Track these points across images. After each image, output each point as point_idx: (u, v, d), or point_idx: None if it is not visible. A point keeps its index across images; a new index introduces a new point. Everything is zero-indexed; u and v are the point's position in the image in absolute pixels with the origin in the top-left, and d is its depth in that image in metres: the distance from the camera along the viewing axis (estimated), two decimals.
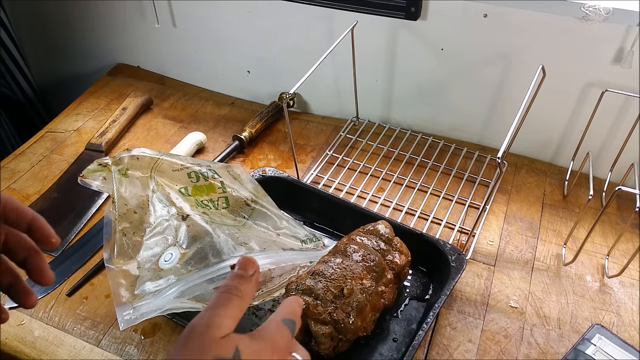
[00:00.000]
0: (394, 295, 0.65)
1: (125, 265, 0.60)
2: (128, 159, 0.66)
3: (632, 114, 0.80)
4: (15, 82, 1.22)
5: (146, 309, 0.55)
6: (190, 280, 0.56)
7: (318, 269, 0.61)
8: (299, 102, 1.08)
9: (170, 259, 0.59)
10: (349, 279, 0.60)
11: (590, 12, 0.71)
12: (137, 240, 0.62)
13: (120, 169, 0.65)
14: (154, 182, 0.65)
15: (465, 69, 0.89)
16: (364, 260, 0.63)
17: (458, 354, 0.64)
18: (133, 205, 0.63)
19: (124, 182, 0.64)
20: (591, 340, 0.64)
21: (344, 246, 0.65)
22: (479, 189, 0.87)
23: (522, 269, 0.74)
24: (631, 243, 0.77)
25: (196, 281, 0.56)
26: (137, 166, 0.66)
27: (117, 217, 0.62)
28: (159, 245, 0.61)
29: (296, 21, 0.96)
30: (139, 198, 0.64)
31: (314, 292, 0.58)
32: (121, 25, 1.14)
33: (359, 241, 0.65)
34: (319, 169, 0.91)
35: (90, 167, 0.65)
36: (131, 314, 0.55)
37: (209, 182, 0.68)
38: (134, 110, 1.03)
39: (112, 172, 0.64)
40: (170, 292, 0.56)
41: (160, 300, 0.56)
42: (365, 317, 0.60)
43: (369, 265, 0.62)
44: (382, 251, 0.65)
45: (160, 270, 0.59)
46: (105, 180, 0.64)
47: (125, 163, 0.65)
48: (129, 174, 0.65)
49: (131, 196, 0.64)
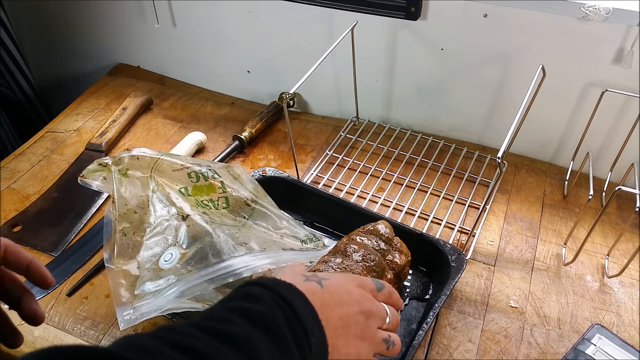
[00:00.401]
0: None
1: (126, 265, 0.60)
2: (128, 159, 0.66)
3: (632, 114, 0.80)
4: (15, 82, 1.22)
5: (146, 309, 0.55)
6: (190, 280, 0.56)
7: (318, 269, 0.61)
8: (299, 102, 1.08)
9: (170, 259, 0.59)
10: None
11: (590, 12, 0.71)
12: (137, 240, 0.62)
13: (121, 169, 0.65)
14: (154, 182, 0.65)
15: (465, 69, 0.89)
16: (364, 260, 0.62)
17: (458, 354, 0.64)
18: (133, 205, 0.63)
19: (124, 182, 0.64)
20: (591, 340, 0.64)
21: (344, 246, 0.64)
22: (479, 189, 0.87)
23: (522, 269, 0.74)
24: (631, 243, 0.77)
25: (196, 281, 0.56)
26: (137, 166, 0.66)
27: (117, 217, 0.62)
28: (159, 245, 0.61)
29: (296, 21, 0.96)
30: (139, 198, 0.64)
31: None
32: (121, 25, 1.14)
33: (359, 241, 0.65)
34: (319, 169, 0.91)
35: (90, 167, 0.65)
36: (131, 314, 0.55)
37: (209, 182, 0.68)
38: (134, 110, 1.03)
39: (112, 172, 0.64)
40: (170, 292, 0.56)
41: (160, 300, 0.56)
42: None
43: (369, 265, 0.62)
44: (382, 251, 0.65)
45: (160, 270, 0.59)
46: (106, 180, 0.64)
47: (125, 163, 0.65)
48: (129, 174, 0.65)
49: (131, 196, 0.64)
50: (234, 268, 0.57)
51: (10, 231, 0.79)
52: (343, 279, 0.46)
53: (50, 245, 0.77)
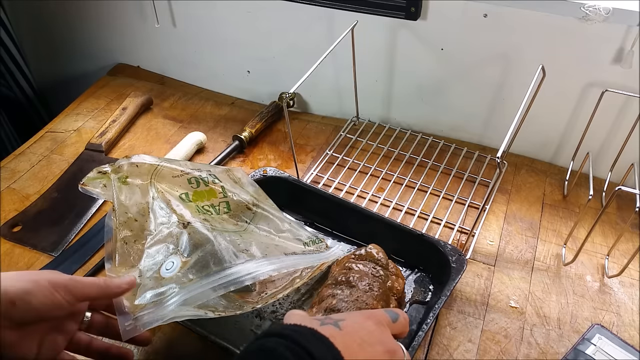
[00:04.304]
0: None
1: (127, 273, 0.60)
2: (127, 166, 0.65)
3: (632, 114, 0.80)
4: (15, 82, 1.22)
5: (148, 318, 0.54)
6: (192, 290, 0.56)
7: (330, 305, 0.57)
8: (299, 102, 1.08)
9: (172, 267, 0.59)
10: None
11: (590, 12, 0.71)
12: (138, 248, 0.62)
13: (120, 176, 0.64)
14: (154, 188, 0.65)
15: (465, 69, 0.89)
16: (370, 290, 0.59)
17: (458, 354, 0.64)
18: (134, 213, 0.63)
19: (124, 189, 0.64)
20: (591, 340, 0.64)
21: (345, 276, 0.61)
22: (479, 188, 0.87)
23: (522, 269, 0.74)
24: (631, 243, 0.77)
25: (198, 290, 0.56)
26: (136, 173, 0.65)
27: (117, 226, 0.62)
28: (160, 253, 0.61)
29: (296, 21, 0.96)
30: (139, 205, 0.64)
31: None
32: (121, 25, 1.14)
33: (358, 269, 0.62)
34: (319, 169, 0.91)
35: (90, 175, 0.64)
36: (133, 324, 0.55)
37: (210, 187, 0.68)
38: (134, 110, 1.03)
39: (111, 180, 0.64)
40: (173, 302, 0.55)
41: (162, 310, 0.55)
42: None
43: (377, 294, 0.59)
44: (381, 277, 0.62)
45: (162, 279, 0.58)
46: (106, 187, 0.63)
47: (124, 171, 0.65)
48: (129, 182, 0.64)
49: (132, 204, 0.63)
50: (235, 277, 0.56)
51: (10, 231, 0.79)
52: (359, 318, 0.43)
53: (50, 245, 0.77)
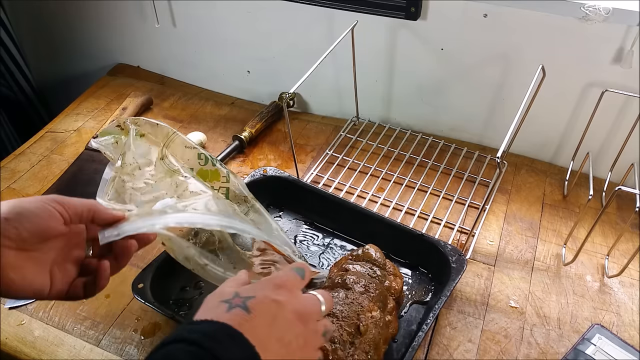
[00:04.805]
0: (397, 322, 0.62)
1: (116, 206, 0.58)
2: (147, 124, 0.65)
3: (632, 114, 0.80)
4: (15, 82, 1.22)
5: (129, 227, 0.50)
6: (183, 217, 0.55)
7: None
8: (299, 102, 1.08)
9: (166, 202, 0.59)
10: (360, 314, 0.56)
11: (590, 12, 0.71)
12: (134, 192, 0.61)
13: (138, 130, 0.65)
14: (165, 153, 0.66)
15: (465, 69, 0.89)
16: (367, 291, 0.59)
17: (458, 354, 0.64)
18: (140, 162, 0.63)
19: (138, 142, 0.64)
20: (591, 340, 0.64)
21: (341, 278, 0.61)
22: (479, 189, 0.87)
23: (522, 269, 0.74)
24: (631, 243, 0.77)
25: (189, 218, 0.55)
26: (153, 133, 0.66)
27: (119, 168, 0.60)
28: (156, 199, 0.60)
29: (296, 21, 0.96)
30: (146, 158, 0.64)
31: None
32: (121, 25, 1.14)
33: (355, 270, 0.62)
34: (319, 169, 0.91)
35: (107, 127, 0.65)
36: (113, 231, 0.50)
37: (216, 168, 0.69)
38: (134, 110, 1.03)
39: (129, 131, 0.63)
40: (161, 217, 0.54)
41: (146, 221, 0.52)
42: (379, 352, 0.57)
43: (373, 295, 0.59)
44: (378, 278, 0.62)
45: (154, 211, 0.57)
46: (117, 145, 0.64)
47: (143, 126, 0.65)
48: (144, 138, 0.65)
49: (140, 154, 0.63)
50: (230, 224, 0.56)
51: None
52: (267, 289, 0.41)
53: None
